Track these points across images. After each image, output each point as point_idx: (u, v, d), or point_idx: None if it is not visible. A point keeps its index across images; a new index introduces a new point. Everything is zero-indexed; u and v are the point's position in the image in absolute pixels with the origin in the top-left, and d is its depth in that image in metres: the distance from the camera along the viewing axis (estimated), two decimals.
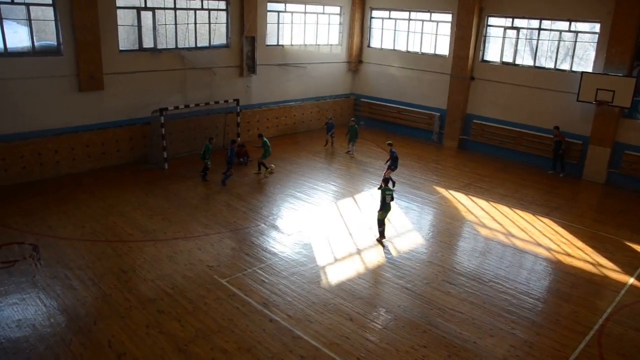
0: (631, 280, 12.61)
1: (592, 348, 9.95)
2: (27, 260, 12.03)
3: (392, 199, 13.82)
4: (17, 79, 16.30)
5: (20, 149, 16.63)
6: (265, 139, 18.97)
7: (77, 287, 11.12)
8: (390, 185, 14.02)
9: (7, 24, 16.12)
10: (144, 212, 15.11)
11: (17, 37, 16.51)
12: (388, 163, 18.26)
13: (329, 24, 26.16)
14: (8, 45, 16.14)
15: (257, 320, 10.28)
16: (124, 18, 18.65)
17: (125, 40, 18.89)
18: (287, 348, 9.47)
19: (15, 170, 16.63)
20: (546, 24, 21.18)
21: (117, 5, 18.16)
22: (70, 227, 13.96)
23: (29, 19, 16.47)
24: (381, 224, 14.03)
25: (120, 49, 18.63)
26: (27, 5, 16.28)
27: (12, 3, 16.10)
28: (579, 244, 14.55)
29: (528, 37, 21.94)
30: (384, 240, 14.04)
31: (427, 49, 25.04)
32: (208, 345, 9.45)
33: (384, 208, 13.82)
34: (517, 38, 22.04)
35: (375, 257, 13.16)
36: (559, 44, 20.99)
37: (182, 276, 11.75)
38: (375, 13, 26.82)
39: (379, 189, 14.21)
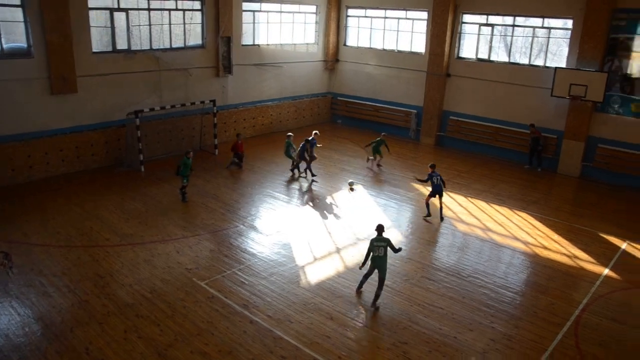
0: (606, 271, 12.82)
1: (569, 339, 10.10)
2: None
3: (386, 250, 10.84)
4: None
5: None
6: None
7: (52, 294, 10.92)
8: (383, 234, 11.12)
9: None
10: (120, 216, 14.91)
11: None
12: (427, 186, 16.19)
13: (305, 23, 26.11)
14: None
15: (238, 322, 10.21)
16: (97, 19, 18.35)
17: (99, 41, 18.59)
18: (268, 349, 9.42)
19: None
20: (520, 20, 21.44)
21: (89, 6, 17.85)
22: (45, 233, 13.71)
23: None
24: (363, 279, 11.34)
25: (94, 50, 18.34)
26: None
27: None
28: (555, 237, 14.75)
29: (502, 33, 22.18)
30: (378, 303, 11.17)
31: (403, 46, 25.15)
32: (188, 348, 9.35)
33: (373, 261, 10.98)
34: (492, 35, 22.26)
35: (354, 255, 13.15)
36: (532, 40, 21.24)
37: (161, 280, 11.62)
38: (351, 11, 26.84)
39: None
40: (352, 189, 17.66)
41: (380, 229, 11.08)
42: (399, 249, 11.26)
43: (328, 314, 10.59)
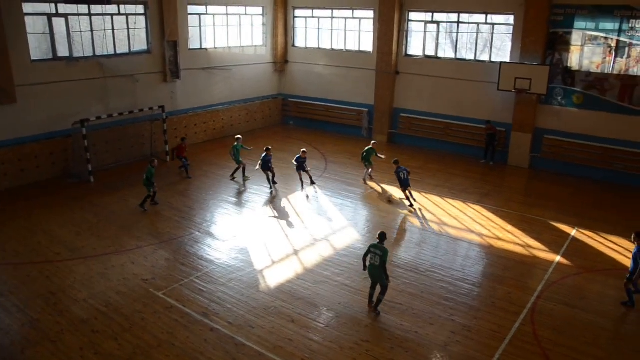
0: (558, 259, 13.21)
1: (526, 326, 10.34)
2: None
3: (381, 261, 10.37)
4: None
5: None
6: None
7: None
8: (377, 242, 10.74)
9: None
10: (70, 229, 14.40)
11: None
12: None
13: (252, 25, 25.91)
14: None
15: (198, 330, 10.01)
16: (34, 25, 17.65)
17: (37, 49, 17.89)
18: (230, 356, 9.27)
19: None
20: (464, 17, 21.89)
21: (25, 11, 17.15)
22: None
23: None
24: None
25: (32, 58, 17.64)
26: None
27: None
28: (509, 227, 15.11)
29: (448, 30, 22.59)
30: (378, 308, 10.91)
31: (352, 45, 25.29)
32: None
33: (367, 269, 10.72)
34: (438, 32, 22.65)
35: (312, 256, 13.12)
36: (477, 36, 21.74)
37: (116, 292, 11.28)
38: (298, 12, 26.81)
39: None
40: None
41: (382, 236, 10.64)
42: (385, 275, 10.52)
43: (289, 317, 10.51)
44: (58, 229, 14.40)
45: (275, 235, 14.38)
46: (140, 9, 20.61)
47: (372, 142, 19.69)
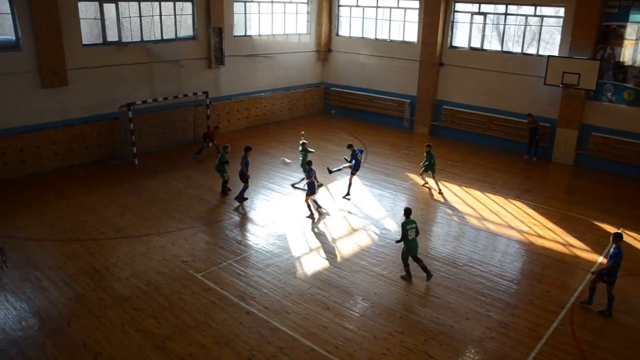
0: (600, 259, 12.89)
1: (565, 326, 10.17)
2: None
3: (417, 233, 11.43)
4: None
5: None
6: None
7: (48, 288, 10.89)
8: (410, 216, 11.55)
9: None
10: (115, 209, 14.85)
11: None
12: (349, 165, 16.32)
13: (296, 13, 25.96)
14: None
15: (234, 313, 10.22)
16: (86, 11, 18.16)
17: (89, 33, 18.41)
18: (265, 340, 9.45)
19: None
20: (512, 8, 21.39)
21: None
22: (40, 227, 13.64)
23: None
24: (405, 261, 11.63)
25: (84, 43, 18.18)
26: None
27: None
28: (550, 225, 14.82)
29: (495, 22, 22.13)
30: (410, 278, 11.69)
31: (396, 36, 25.07)
32: (185, 340, 9.37)
33: (409, 245, 11.41)
34: (485, 23, 22.22)
35: (350, 245, 13.18)
36: (525, 28, 21.23)
37: (157, 272, 11.61)
38: (342, 1, 26.69)
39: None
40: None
41: (409, 211, 11.52)
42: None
43: (324, 304, 10.62)
44: (103, 209, 14.87)
45: (313, 222, 14.48)
46: None
47: (426, 145, 17.53)
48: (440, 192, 16.96)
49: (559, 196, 17.27)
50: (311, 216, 14.71)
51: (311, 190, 14.67)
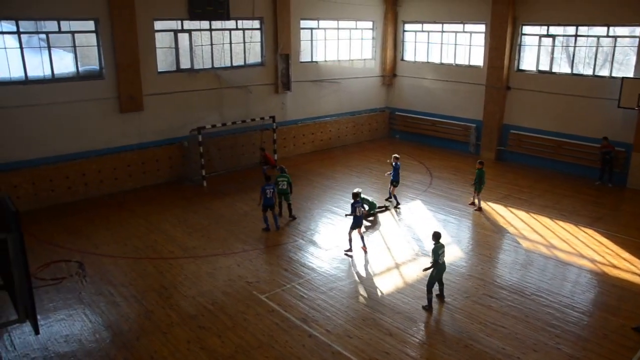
0: None
1: None
2: (74, 277, 12.41)
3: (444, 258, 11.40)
4: (63, 103, 17.01)
5: (66, 170, 17.25)
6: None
7: (120, 303, 11.39)
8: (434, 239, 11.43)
9: (54, 52, 16.99)
10: (183, 230, 15.39)
11: (63, 63, 17.31)
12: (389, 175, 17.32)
13: (362, 38, 26.30)
14: (55, 72, 16.93)
15: (297, 335, 10.31)
16: (162, 41, 19.21)
17: (164, 61, 19.43)
18: None
19: (61, 190, 17.22)
20: (583, 30, 20.80)
21: (156, 28, 18.74)
22: (113, 244, 14.34)
23: (74, 46, 17.19)
24: (431, 289, 11.37)
25: (159, 70, 19.18)
26: (73, 33, 17.02)
27: (60, 32, 16.85)
28: (625, 255, 14.10)
29: (564, 44, 21.56)
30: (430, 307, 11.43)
31: (461, 60, 24.88)
32: None
33: (439, 268, 11.34)
34: (553, 46, 21.70)
35: (413, 271, 13.03)
36: (597, 50, 20.56)
37: (222, 292, 11.90)
38: (407, 26, 26.83)
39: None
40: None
41: (438, 235, 11.41)
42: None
43: (387, 330, 10.53)
44: (172, 229, 15.44)
45: (377, 247, 14.44)
46: (256, 23, 21.68)
47: (479, 161, 17.66)
48: (479, 209, 17.23)
49: (635, 224, 16.39)
50: (349, 250, 13.98)
51: (355, 223, 13.92)
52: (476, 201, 17.45)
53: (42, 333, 10.17)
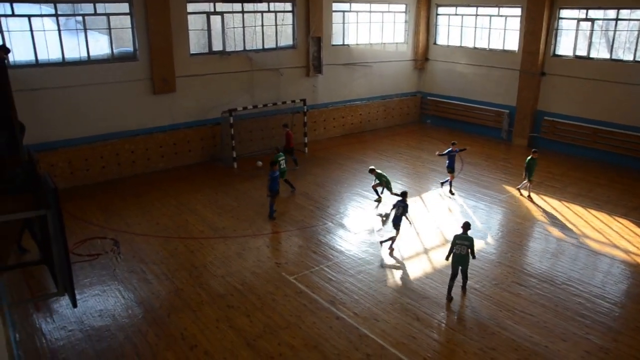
0: None
1: None
2: (109, 254, 12.75)
3: (469, 251, 10.98)
4: (98, 84, 17.33)
5: (100, 150, 17.62)
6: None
7: (152, 281, 11.67)
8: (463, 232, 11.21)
9: (90, 34, 17.27)
10: (214, 210, 15.60)
11: (99, 45, 17.60)
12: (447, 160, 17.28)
13: (394, 22, 25.99)
14: (90, 54, 17.23)
15: (324, 317, 10.41)
16: (195, 23, 19.34)
17: (196, 44, 19.58)
18: (353, 346, 9.55)
19: (95, 170, 17.62)
20: (624, 13, 20.15)
21: (188, 10, 18.85)
22: (146, 223, 14.64)
23: (109, 28, 17.44)
24: (451, 277, 11.20)
25: (191, 52, 19.33)
26: (108, 15, 17.27)
27: (95, 14, 17.11)
28: None
29: (604, 28, 20.94)
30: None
31: (495, 44, 24.40)
32: (275, 340, 9.68)
33: (452, 259, 11.19)
34: (592, 30, 21.09)
35: (442, 256, 12.94)
36: (639, 34, 19.90)
37: (251, 273, 12.07)
38: (441, 10, 26.40)
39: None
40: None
41: (466, 226, 11.24)
42: (474, 257, 11.25)
43: (415, 314, 10.56)
44: (202, 209, 15.67)
45: (405, 232, 14.41)
46: (288, 6, 21.62)
47: (533, 150, 17.32)
48: (528, 197, 17.06)
49: None
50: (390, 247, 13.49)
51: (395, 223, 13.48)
52: (524, 191, 17.34)
53: (78, 307, 10.50)
